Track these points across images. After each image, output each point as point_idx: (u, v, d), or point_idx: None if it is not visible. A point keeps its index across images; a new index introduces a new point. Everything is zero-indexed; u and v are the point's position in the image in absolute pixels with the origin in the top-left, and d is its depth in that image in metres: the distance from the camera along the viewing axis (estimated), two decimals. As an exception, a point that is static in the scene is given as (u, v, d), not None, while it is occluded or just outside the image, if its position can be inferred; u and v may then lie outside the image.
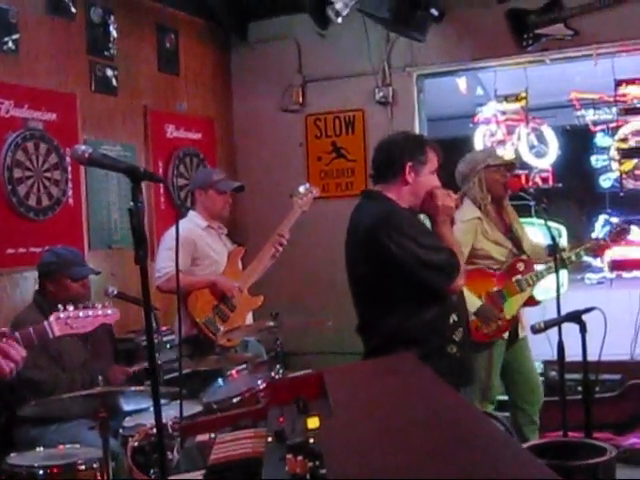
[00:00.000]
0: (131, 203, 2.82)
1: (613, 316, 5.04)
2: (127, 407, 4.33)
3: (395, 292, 3.93)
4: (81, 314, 3.82)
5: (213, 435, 2.30)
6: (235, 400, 4.63)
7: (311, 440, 1.78)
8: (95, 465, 4.19)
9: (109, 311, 4.00)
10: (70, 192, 6.34)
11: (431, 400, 1.96)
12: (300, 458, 1.66)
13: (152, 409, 4.28)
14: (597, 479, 3.58)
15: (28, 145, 5.96)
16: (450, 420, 1.77)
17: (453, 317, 4.05)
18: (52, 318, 3.73)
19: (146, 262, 2.83)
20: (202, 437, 2.34)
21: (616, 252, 8.53)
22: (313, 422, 1.99)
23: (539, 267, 5.60)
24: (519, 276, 5.51)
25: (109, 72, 6.81)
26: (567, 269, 6.44)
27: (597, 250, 5.83)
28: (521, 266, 5.54)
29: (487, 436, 1.65)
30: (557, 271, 5.15)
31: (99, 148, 6.04)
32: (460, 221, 5.28)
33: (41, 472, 4.15)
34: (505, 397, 5.93)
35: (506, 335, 5.54)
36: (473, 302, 5.33)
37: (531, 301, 5.61)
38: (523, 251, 5.60)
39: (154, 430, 4.15)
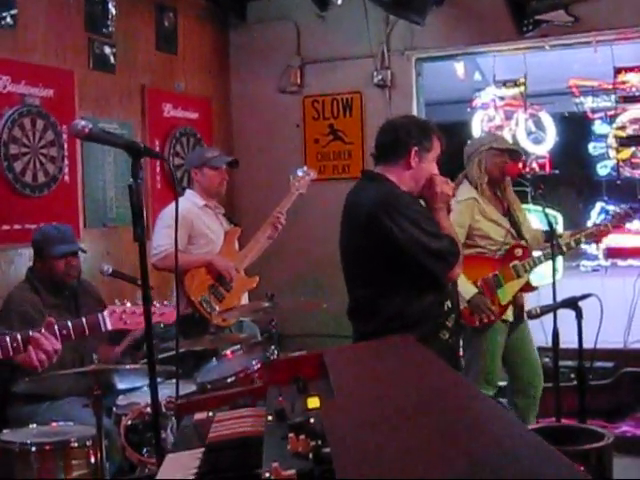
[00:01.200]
0: (130, 180, 2.79)
1: (607, 304, 5.04)
2: (121, 385, 4.33)
3: (394, 276, 3.92)
4: (137, 311, 3.76)
5: (211, 413, 2.29)
6: (229, 380, 4.63)
7: (312, 420, 1.78)
8: (88, 443, 4.19)
9: (162, 312, 3.92)
10: (66, 169, 6.31)
11: (433, 381, 1.96)
12: (302, 437, 1.66)
13: (146, 388, 4.33)
14: (595, 464, 3.59)
15: (25, 121, 5.92)
16: (453, 400, 1.77)
17: (447, 304, 4.06)
18: (107, 312, 3.64)
19: (144, 239, 2.81)
20: (200, 415, 2.33)
21: (612, 240, 8.53)
22: (313, 402, 1.99)
23: (536, 253, 5.59)
24: (516, 262, 5.51)
25: (107, 50, 6.77)
26: (564, 256, 6.44)
27: (598, 236, 5.81)
28: (518, 252, 5.53)
29: (491, 416, 1.64)
30: (554, 258, 5.16)
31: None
32: (456, 201, 5.24)
33: (34, 449, 4.14)
34: (504, 383, 5.95)
35: (509, 317, 5.53)
36: (468, 290, 5.34)
37: (527, 287, 5.60)
38: (522, 235, 5.59)
39: (148, 409, 4.19)
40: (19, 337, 3.29)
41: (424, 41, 7.75)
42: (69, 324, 3.46)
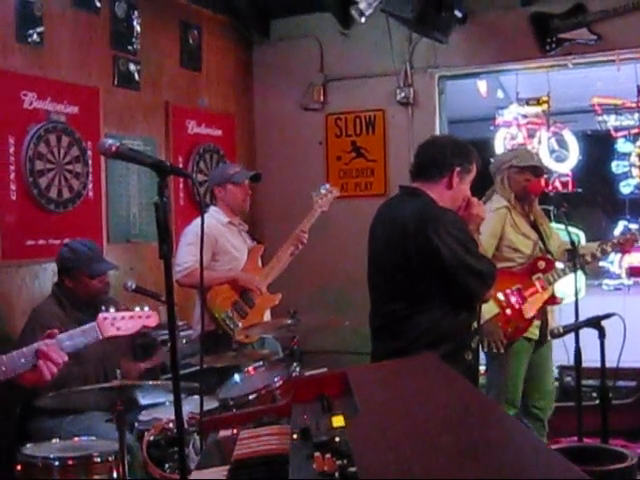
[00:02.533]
0: (156, 197, 2.80)
1: (630, 322, 5.02)
2: (144, 401, 4.34)
3: (431, 293, 3.93)
4: (125, 315, 3.83)
5: (236, 431, 2.30)
6: (251, 397, 4.64)
7: (337, 438, 1.78)
8: (110, 458, 4.20)
9: (150, 314, 4.03)
10: (90, 185, 6.36)
11: (458, 400, 1.96)
12: (328, 456, 1.66)
13: (168, 404, 4.35)
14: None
15: (50, 137, 5.97)
16: (478, 420, 1.77)
17: (474, 324, 4.08)
18: (99, 319, 3.73)
19: (170, 257, 2.83)
20: (224, 433, 2.34)
21: (634, 258, 8.50)
22: (338, 420, 1.99)
23: (560, 265, 5.57)
24: (539, 274, 5.49)
25: (132, 67, 6.83)
26: (586, 273, 6.38)
27: (624, 245, 5.73)
28: (542, 264, 5.52)
29: (514, 436, 1.64)
30: (575, 276, 5.13)
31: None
32: (489, 211, 5.28)
33: (56, 463, 4.17)
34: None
35: (534, 336, 5.51)
36: (490, 309, 5.32)
37: (552, 300, 5.57)
38: (548, 249, 5.58)
39: (170, 425, 4.20)
40: (25, 351, 3.32)
41: (447, 59, 7.77)
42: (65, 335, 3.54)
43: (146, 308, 4.01)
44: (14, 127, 5.73)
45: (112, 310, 3.83)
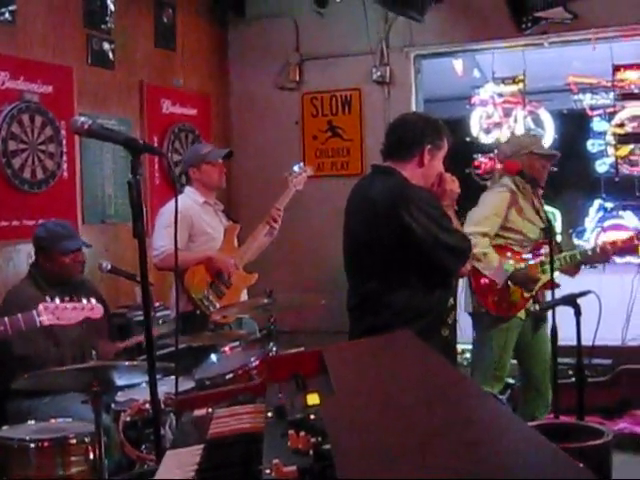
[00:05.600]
0: (130, 176, 2.78)
1: (605, 301, 5.05)
2: (120, 382, 4.32)
3: (406, 270, 3.94)
4: (68, 306, 3.91)
5: (210, 410, 2.29)
6: (228, 377, 4.64)
7: (312, 416, 1.78)
8: (87, 439, 4.19)
9: (94, 306, 4.11)
10: (65, 166, 6.31)
11: (433, 377, 1.96)
12: (302, 434, 1.66)
13: (145, 384, 4.33)
14: (594, 461, 3.59)
15: (23, 117, 5.92)
16: (453, 397, 1.77)
17: (451, 300, 4.09)
18: (40, 308, 3.85)
19: (144, 235, 2.81)
20: (199, 412, 2.33)
21: (610, 237, 8.53)
22: (313, 399, 1.99)
23: (564, 253, 5.67)
24: (543, 258, 5.54)
25: (106, 46, 6.77)
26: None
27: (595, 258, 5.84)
28: (546, 249, 5.58)
29: (490, 413, 1.64)
30: (552, 255, 5.15)
31: (95, 122, 6.00)
32: (496, 191, 5.53)
33: (32, 445, 4.15)
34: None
35: (523, 315, 5.55)
36: (507, 267, 5.46)
37: (551, 284, 5.62)
38: (554, 235, 5.64)
39: (146, 405, 4.19)
40: None
41: (423, 38, 7.75)
42: (6, 320, 3.58)
43: (93, 301, 4.18)
44: (-14, 107, 5.68)
45: (57, 300, 3.98)
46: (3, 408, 4.96)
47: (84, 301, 4.13)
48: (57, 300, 3.99)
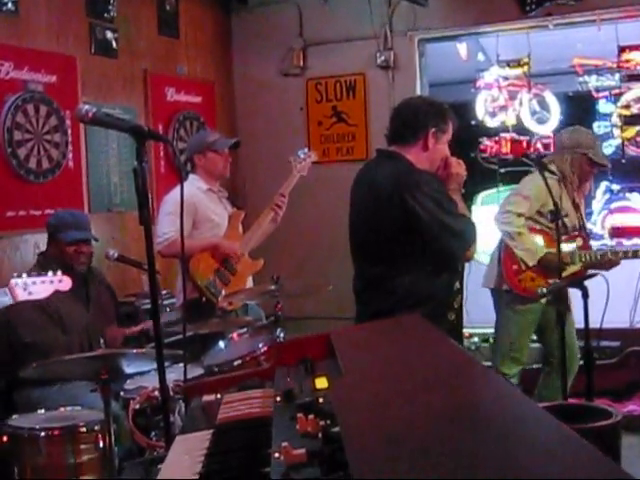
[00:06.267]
0: (135, 163, 2.78)
1: (613, 283, 5.05)
2: (128, 370, 4.33)
3: (411, 253, 3.93)
4: (37, 280, 3.95)
5: (219, 395, 2.29)
6: (236, 363, 4.63)
7: (320, 400, 1.78)
8: (96, 427, 4.20)
9: (62, 278, 4.15)
10: (70, 155, 6.32)
11: (441, 359, 1.96)
12: (311, 417, 1.65)
13: (154, 372, 4.34)
14: (603, 443, 3.58)
15: (28, 107, 5.92)
16: (462, 379, 1.77)
17: (457, 284, 4.08)
18: (11, 284, 3.91)
19: (150, 222, 2.81)
20: (208, 397, 2.33)
21: (616, 219, 8.52)
22: (321, 382, 1.99)
23: (595, 249, 5.81)
24: (574, 246, 5.61)
25: (109, 34, 6.76)
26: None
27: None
28: (579, 241, 5.61)
29: (500, 393, 1.64)
30: (558, 238, 5.13)
31: (99, 110, 6.00)
32: (539, 176, 5.41)
33: (42, 434, 4.16)
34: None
35: (544, 300, 5.55)
36: (539, 249, 5.54)
37: (581, 273, 5.64)
38: (585, 230, 5.70)
39: (155, 393, 4.20)
40: None
41: (427, 22, 7.73)
42: None
43: (58, 272, 4.16)
44: (-9, 98, 5.68)
45: (24, 276, 4.01)
46: (12, 397, 4.98)
47: (50, 273, 4.15)
48: (24, 275, 4.01)
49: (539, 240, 5.63)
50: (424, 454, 1.34)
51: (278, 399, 1.98)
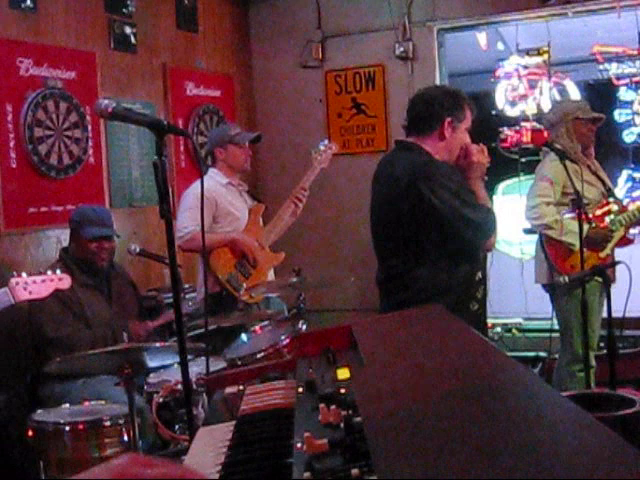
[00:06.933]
0: (155, 157, 2.79)
1: (636, 272, 5.01)
2: (151, 363, 4.35)
3: (429, 245, 3.92)
4: (37, 279, 3.97)
5: (242, 387, 2.30)
6: (259, 356, 4.64)
7: (342, 390, 1.78)
8: (121, 421, 4.22)
9: (62, 277, 4.18)
10: (91, 151, 6.34)
11: (463, 349, 1.95)
12: (333, 407, 1.65)
13: (177, 365, 4.36)
14: (626, 430, 3.57)
15: (48, 104, 5.94)
16: (483, 368, 1.76)
17: (478, 275, 4.07)
18: (12, 284, 3.91)
19: (170, 216, 2.82)
20: (231, 389, 2.34)
21: (639, 207, 8.47)
22: (343, 373, 1.99)
23: (630, 207, 5.77)
24: (612, 216, 5.58)
25: (128, 30, 6.77)
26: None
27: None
28: (614, 207, 5.61)
29: (523, 383, 1.64)
30: (580, 226, 5.11)
31: (119, 106, 6.01)
32: (548, 161, 5.56)
33: (67, 428, 4.18)
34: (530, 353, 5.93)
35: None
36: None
37: (625, 240, 5.64)
38: (613, 194, 5.67)
39: (178, 386, 4.21)
40: None
41: (446, 11, 7.70)
42: None
43: (58, 271, 4.21)
44: (11, 95, 5.71)
45: (24, 275, 4.04)
46: (37, 392, 5.01)
47: (49, 272, 4.18)
48: (24, 274, 4.03)
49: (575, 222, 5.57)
50: (444, 443, 1.34)
51: (300, 390, 1.99)
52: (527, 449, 1.26)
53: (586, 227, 5.48)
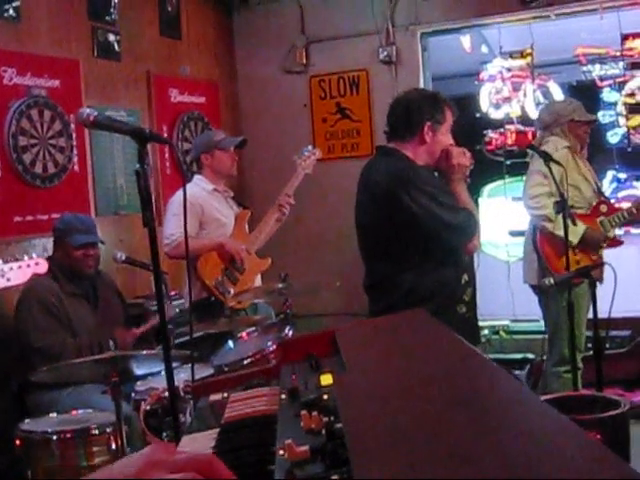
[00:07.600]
0: (137, 165, 2.80)
1: (622, 272, 5.04)
2: (138, 371, 4.36)
3: (411, 249, 3.94)
4: (14, 266, 3.94)
5: (226, 394, 2.30)
6: (246, 362, 4.63)
7: (325, 396, 1.78)
8: (108, 429, 4.23)
9: (38, 261, 4.13)
10: (75, 159, 6.33)
11: (446, 354, 1.96)
12: (315, 414, 1.66)
13: (163, 373, 4.36)
14: (611, 432, 3.59)
15: (32, 112, 5.93)
16: (467, 373, 1.77)
17: (464, 277, 4.07)
18: None
19: (154, 223, 2.83)
20: (215, 397, 2.34)
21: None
22: (326, 379, 1.99)
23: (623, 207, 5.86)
24: (602, 217, 5.60)
25: (111, 37, 6.77)
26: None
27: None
28: (604, 208, 5.69)
29: (503, 387, 1.65)
30: (566, 228, 5.12)
31: (103, 114, 6.01)
32: (555, 150, 5.50)
33: (55, 437, 4.19)
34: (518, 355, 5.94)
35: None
36: (577, 230, 5.47)
37: (614, 242, 5.67)
38: (603, 194, 5.73)
39: (166, 393, 4.21)
40: None
41: (429, 15, 7.72)
42: None
43: (34, 255, 4.06)
44: (-5, 104, 5.70)
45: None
46: (24, 401, 5.01)
47: (26, 257, 4.15)
48: None
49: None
50: (425, 449, 1.34)
51: (283, 397, 1.99)
52: (508, 456, 1.26)
53: (583, 228, 5.51)
